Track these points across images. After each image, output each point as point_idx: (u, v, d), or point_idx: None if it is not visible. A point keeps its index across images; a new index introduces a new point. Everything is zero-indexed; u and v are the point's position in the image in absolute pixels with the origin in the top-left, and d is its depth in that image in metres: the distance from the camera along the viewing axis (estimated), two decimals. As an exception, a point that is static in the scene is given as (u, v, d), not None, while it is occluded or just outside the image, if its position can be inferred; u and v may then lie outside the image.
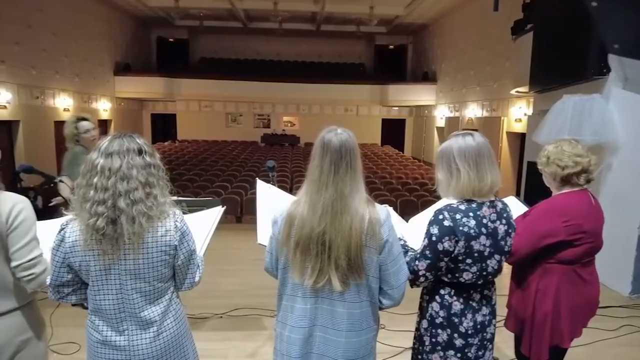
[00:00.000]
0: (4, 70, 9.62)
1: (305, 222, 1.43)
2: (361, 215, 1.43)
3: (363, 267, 1.44)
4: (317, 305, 1.49)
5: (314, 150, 1.49)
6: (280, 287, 1.56)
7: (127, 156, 1.42)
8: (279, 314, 1.59)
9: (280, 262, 1.53)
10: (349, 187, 1.45)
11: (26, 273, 1.46)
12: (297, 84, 16.91)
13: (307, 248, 1.43)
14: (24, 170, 2.24)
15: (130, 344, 1.46)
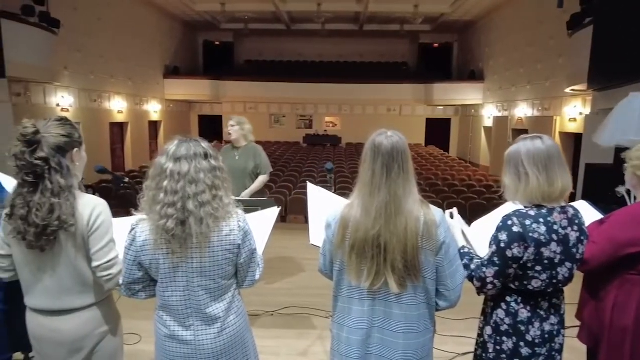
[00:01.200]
0: (67, 75, 10.27)
1: (359, 225, 1.45)
2: (416, 216, 1.44)
3: (420, 269, 1.45)
4: (374, 307, 1.50)
5: (365, 154, 1.51)
6: (335, 288, 1.58)
7: (194, 160, 1.47)
8: (335, 315, 1.60)
9: (335, 265, 1.55)
10: (402, 189, 1.46)
11: (105, 273, 1.55)
12: (339, 85, 16.95)
13: (362, 251, 1.44)
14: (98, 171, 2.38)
15: (196, 339, 1.52)
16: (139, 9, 13.96)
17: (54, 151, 1.47)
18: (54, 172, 1.46)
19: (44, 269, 1.52)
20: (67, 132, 1.53)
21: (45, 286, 1.54)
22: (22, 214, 1.44)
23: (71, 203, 1.48)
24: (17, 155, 1.43)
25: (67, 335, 1.57)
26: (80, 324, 1.58)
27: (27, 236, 1.45)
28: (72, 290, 1.55)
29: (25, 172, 1.44)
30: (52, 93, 9.91)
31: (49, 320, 1.57)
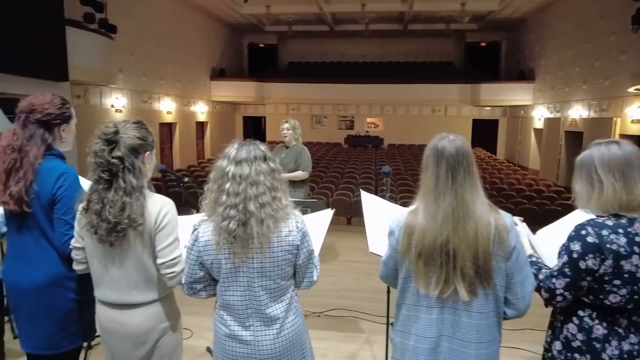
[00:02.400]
0: (121, 78, 10.78)
1: (426, 232, 1.41)
2: (487, 221, 1.40)
3: (492, 275, 1.40)
4: (442, 315, 1.45)
5: (426, 159, 1.49)
6: (400, 296, 1.54)
7: (254, 163, 1.51)
8: (399, 323, 1.56)
9: (401, 272, 1.52)
10: (469, 192, 1.42)
11: (169, 271, 1.59)
12: (382, 85, 16.79)
13: (430, 258, 1.41)
14: (160, 171, 2.48)
15: (255, 339, 1.54)
16: (188, 13, 14.44)
17: (129, 152, 1.54)
18: (127, 172, 1.53)
19: (112, 263, 1.59)
20: (142, 135, 1.60)
21: (113, 280, 1.61)
22: (96, 209, 1.52)
23: (141, 203, 1.54)
24: (97, 152, 1.51)
25: (132, 329, 1.63)
26: (144, 319, 1.64)
27: (99, 230, 1.52)
28: (137, 286, 1.61)
29: (102, 169, 1.51)
30: (108, 95, 10.44)
31: (116, 313, 1.64)
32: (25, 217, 1.73)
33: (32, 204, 1.70)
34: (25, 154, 1.69)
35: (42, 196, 1.70)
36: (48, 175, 1.71)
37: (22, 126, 1.73)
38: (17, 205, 1.67)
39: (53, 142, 1.78)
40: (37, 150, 1.71)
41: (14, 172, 1.68)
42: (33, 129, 1.73)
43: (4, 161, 1.69)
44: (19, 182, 1.67)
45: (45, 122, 1.74)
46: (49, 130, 1.76)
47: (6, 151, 1.69)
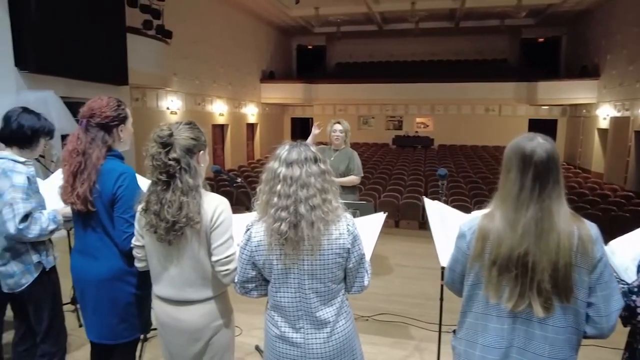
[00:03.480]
0: (177, 81, 11.24)
1: (502, 240, 1.31)
2: (569, 231, 1.28)
3: (572, 288, 1.28)
4: (514, 326, 1.35)
5: (509, 161, 1.36)
6: (465, 303, 1.46)
7: (305, 165, 1.49)
8: (463, 331, 1.48)
9: (469, 278, 1.42)
10: (556, 203, 1.29)
11: (223, 268, 1.62)
12: (432, 84, 16.35)
13: (504, 268, 1.31)
14: (215, 172, 2.53)
15: (305, 342, 1.52)
16: (239, 17, 14.82)
17: (184, 153, 1.57)
18: (184, 172, 1.56)
19: (170, 260, 1.63)
20: (195, 136, 1.63)
21: (170, 277, 1.65)
22: (155, 209, 1.56)
23: (197, 201, 1.57)
24: (154, 155, 1.55)
25: (187, 325, 1.66)
26: (199, 316, 1.66)
27: (158, 229, 1.56)
28: (193, 283, 1.64)
29: (160, 171, 1.55)
30: (164, 97, 10.93)
31: (173, 309, 1.68)
32: (90, 215, 1.82)
33: (95, 203, 1.78)
34: (88, 156, 1.78)
35: (103, 195, 1.78)
36: (109, 175, 1.79)
37: (84, 130, 1.82)
38: (83, 205, 1.77)
39: (113, 143, 1.87)
40: (99, 152, 1.80)
41: (79, 174, 1.78)
42: (94, 132, 1.81)
43: (71, 164, 1.79)
44: (84, 183, 1.76)
45: (105, 125, 1.83)
46: (108, 132, 1.84)
47: (72, 155, 1.80)
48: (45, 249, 2.12)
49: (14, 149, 2.06)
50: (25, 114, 2.07)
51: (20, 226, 1.90)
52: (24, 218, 1.92)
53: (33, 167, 2.13)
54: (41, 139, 2.11)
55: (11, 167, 1.98)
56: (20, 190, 1.94)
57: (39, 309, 2.12)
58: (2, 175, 1.96)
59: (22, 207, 1.91)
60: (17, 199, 1.92)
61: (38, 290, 2.09)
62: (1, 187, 1.95)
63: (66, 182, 1.81)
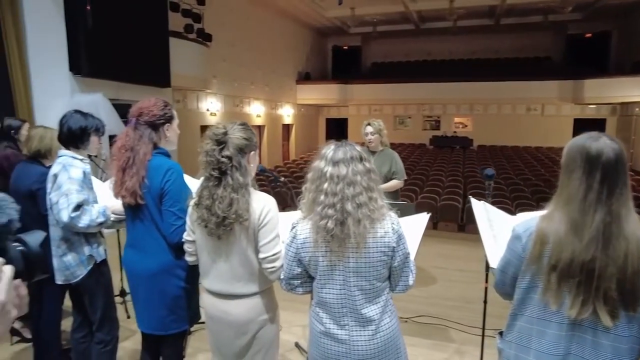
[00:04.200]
0: (216, 83, 11.53)
1: (564, 245, 1.25)
2: (638, 238, 1.21)
3: (638, 297, 1.22)
4: (573, 333, 1.30)
5: (572, 162, 1.29)
6: (517, 306, 1.41)
7: (351, 163, 1.51)
8: (512, 334, 1.43)
9: (522, 282, 1.38)
10: (625, 207, 1.23)
11: (270, 265, 1.66)
12: (471, 83, 15.95)
13: (566, 274, 1.25)
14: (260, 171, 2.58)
15: (350, 338, 1.53)
16: (275, 20, 15.02)
17: (237, 151, 1.63)
18: (235, 170, 1.61)
19: (219, 255, 1.69)
20: (247, 136, 1.68)
21: (219, 271, 1.70)
22: (207, 204, 1.62)
23: (246, 199, 1.62)
24: (208, 152, 1.62)
25: (235, 318, 1.71)
26: (246, 310, 1.71)
27: (209, 224, 1.62)
28: (241, 278, 1.69)
29: (212, 167, 1.61)
30: (203, 99, 11.23)
31: (221, 303, 1.73)
32: (140, 209, 1.90)
33: (144, 197, 1.86)
34: (136, 152, 1.87)
35: (152, 190, 1.87)
36: (157, 171, 1.87)
37: (133, 128, 1.92)
38: (132, 198, 1.86)
39: (159, 141, 1.95)
40: (145, 148, 1.89)
41: (128, 169, 1.87)
42: (142, 130, 1.90)
43: (120, 159, 1.89)
44: (132, 177, 1.85)
45: (152, 123, 1.92)
46: (155, 130, 1.93)
47: (121, 151, 1.89)
48: (96, 242, 2.24)
49: (72, 149, 2.21)
50: (74, 115, 2.21)
51: (72, 215, 2.02)
52: (76, 208, 2.04)
53: (89, 164, 2.26)
54: (91, 136, 2.24)
55: (70, 162, 2.14)
56: (76, 183, 2.08)
57: (93, 300, 2.24)
58: (62, 170, 2.11)
59: (75, 198, 2.04)
60: (72, 190, 2.05)
61: (92, 281, 2.21)
62: (60, 179, 2.09)
63: (116, 177, 1.91)
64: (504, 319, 1.49)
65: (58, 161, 2.17)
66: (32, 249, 0.61)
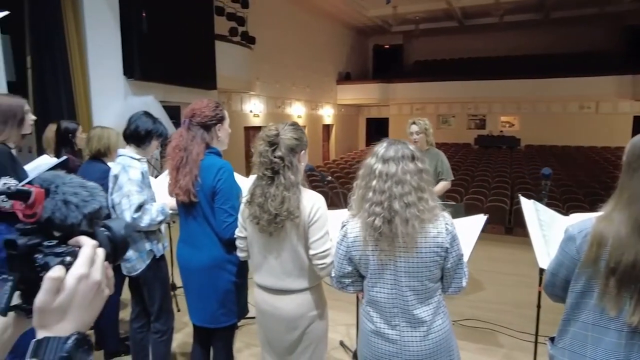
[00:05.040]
0: (259, 85, 11.76)
1: (626, 248, 1.19)
2: None
3: None
4: (633, 342, 1.23)
5: (636, 159, 1.24)
6: (570, 311, 1.35)
7: (402, 162, 1.50)
8: (564, 341, 1.38)
9: (576, 285, 1.32)
10: None
11: (320, 262, 1.69)
12: (519, 80, 15.32)
13: (627, 278, 1.19)
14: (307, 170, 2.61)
15: (401, 339, 1.52)
16: (316, 21, 15.12)
17: (288, 151, 1.67)
18: (287, 169, 1.66)
19: (270, 251, 1.73)
20: (298, 136, 1.72)
21: (270, 267, 1.75)
22: (259, 202, 1.67)
23: (297, 197, 1.66)
24: (261, 153, 1.67)
25: (285, 313, 1.75)
26: (296, 305, 1.74)
27: (261, 221, 1.67)
28: (291, 274, 1.73)
29: (265, 167, 1.67)
30: (247, 101, 11.49)
31: (271, 297, 1.77)
32: (193, 206, 1.98)
33: (197, 195, 1.93)
34: (189, 152, 1.95)
35: (205, 188, 1.94)
36: (209, 169, 1.94)
37: (186, 129, 2.00)
38: (185, 196, 1.93)
39: (211, 140, 2.02)
40: (198, 148, 1.96)
41: (182, 168, 1.95)
42: (195, 131, 1.98)
43: (174, 159, 1.98)
44: (186, 176, 1.93)
45: (204, 124, 1.99)
46: (207, 130, 2.00)
47: (175, 150, 1.98)
48: (156, 238, 2.34)
49: (132, 146, 2.31)
50: (144, 117, 2.31)
51: (135, 215, 2.13)
52: (137, 208, 2.14)
53: (146, 164, 2.37)
54: (153, 140, 2.34)
55: (129, 163, 2.24)
56: (135, 184, 2.18)
57: (151, 292, 2.34)
58: (122, 171, 2.22)
59: (136, 199, 2.14)
60: (133, 191, 2.15)
61: (150, 275, 2.31)
62: (121, 180, 2.20)
63: (170, 175, 1.99)
64: (555, 326, 1.43)
65: (117, 161, 2.28)
66: (117, 234, 0.66)
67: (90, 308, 0.59)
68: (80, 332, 0.56)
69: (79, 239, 0.61)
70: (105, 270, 0.61)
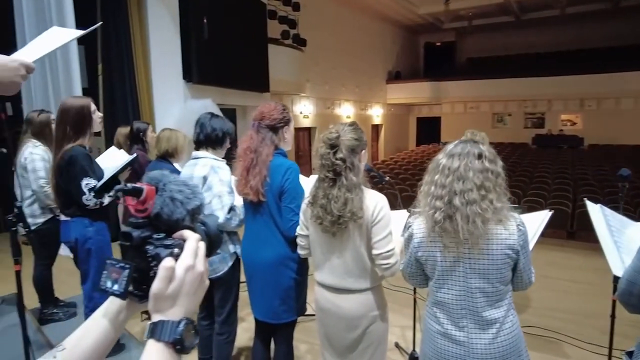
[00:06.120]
0: (309, 87, 11.89)
1: None
2: None
3: None
4: None
5: None
6: None
7: (466, 158, 1.47)
8: None
9: None
10: None
11: (384, 262, 1.69)
12: (582, 76, 14.43)
13: None
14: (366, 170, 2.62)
15: (469, 341, 1.49)
16: (366, 20, 15.06)
17: (349, 152, 1.68)
18: (349, 171, 1.67)
19: (333, 251, 1.76)
20: (358, 136, 1.73)
21: (332, 266, 1.77)
22: (322, 203, 1.70)
23: (360, 197, 1.67)
24: (323, 155, 1.70)
25: (346, 312, 1.76)
26: (357, 305, 1.75)
27: (324, 222, 1.69)
28: (353, 273, 1.74)
29: (327, 169, 1.69)
30: (297, 102, 11.66)
31: (333, 296, 1.80)
32: (260, 205, 2.05)
33: (265, 194, 1.99)
34: (259, 153, 2.01)
35: (273, 187, 2.00)
36: (277, 169, 2.00)
37: (256, 131, 2.06)
38: (255, 196, 2.00)
39: (279, 142, 2.08)
40: (268, 150, 2.02)
41: (252, 169, 2.02)
42: (264, 133, 2.04)
43: (244, 160, 2.04)
44: (255, 177, 1.99)
45: (273, 126, 2.05)
46: (275, 132, 2.06)
47: (246, 152, 2.05)
48: (237, 239, 2.37)
49: (208, 149, 2.34)
50: (214, 118, 2.36)
51: (228, 216, 2.19)
52: (229, 210, 2.20)
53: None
54: (227, 139, 2.40)
55: (217, 164, 2.28)
56: (226, 185, 2.23)
57: (227, 293, 2.38)
58: (212, 172, 2.24)
59: (227, 200, 2.20)
60: (224, 192, 2.20)
61: (229, 277, 2.34)
62: (211, 181, 2.23)
63: (240, 176, 2.06)
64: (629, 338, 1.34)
65: (203, 163, 2.27)
66: (212, 229, 0.71)
67: (195, 296, 0.64)
68: (189, 318, 0.62)
69: (183, 232, 0.66)
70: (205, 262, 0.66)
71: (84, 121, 2.41)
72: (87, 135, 2.44)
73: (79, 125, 2.39)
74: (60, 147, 2.37)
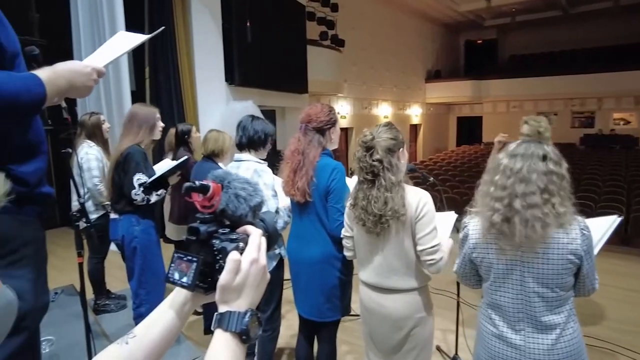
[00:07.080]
0: (346, 87, 11.88)
1: None
2: None
3: None
4: None
5: None
6: None
7: (530, 160, 1.41)
8: None
9: None
10: None
11: (429, 258, 1.67)
12: (637, 72, 13.58)
13: None
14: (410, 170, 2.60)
15: (526, 345, 1.45)
16: (404, 19, 14.88)
17: (385, 153, 1.68)
18: (387, 171, 1.67)
19: (376, 250, 1.75)
20: (393, 135, 1.72)
21: (376, 265, 1.77)
22: (363, 204, 1.71)
23: (401, 195, 1.66)
24: (360, 158, 1.71)
25: (391, 312, 1.75)
26: (402, 305, 1.74)
27: (367, 223, 1.69)
28: (398, 272, 1.73)
29: (366, 171, 1.69)
30: (335, 103, 11.67)
31: (377, 296, 1.79)
32: (306, 205, 2.07)
33: (312, 194, 2.02)
34: (306, 155, 2.04)
35: (320, 187, 2.02)
36: (324, 170, 2.02)
37: (303, 133, 2.09)
38: (302, 197, 2.03)
39: (326, 143, 2.10)
40: (315, 152, 2.05)
41: (299, 171, 2.05)
42: (311, 135, 2.07)
43: (292, 162, 2.07)
44: (302, 178, 2.02)
45: (320, 128, 2.07)
46: (322, 134, 2.08)
47: (294, 154, 2.08)
48: (282, 240, 2.38)
49: (251, 152, 2.38)
50: (255, 121, 2.40)
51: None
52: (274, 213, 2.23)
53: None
54: (269, 140, 2.44)
55: (261, 167, 2.31)
56: (270, 188, 2.25)
57: (272, 294, 2.41)
58: (255, 175, 2.27)
59: (272, 203, 2.23)
60: (268, 196, 2.22)
61: (273, 277, 2.29)
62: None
63: (288, 177, 2.09)
64: None
65: (246, 166, 2.30)
66: (270, 225, 0.73)
67: (258, 289, 0.66)
68: (253, 309, 0.64)
69: (246, 228, 0.69)
70: None
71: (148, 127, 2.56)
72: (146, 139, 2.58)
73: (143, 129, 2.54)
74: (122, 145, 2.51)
